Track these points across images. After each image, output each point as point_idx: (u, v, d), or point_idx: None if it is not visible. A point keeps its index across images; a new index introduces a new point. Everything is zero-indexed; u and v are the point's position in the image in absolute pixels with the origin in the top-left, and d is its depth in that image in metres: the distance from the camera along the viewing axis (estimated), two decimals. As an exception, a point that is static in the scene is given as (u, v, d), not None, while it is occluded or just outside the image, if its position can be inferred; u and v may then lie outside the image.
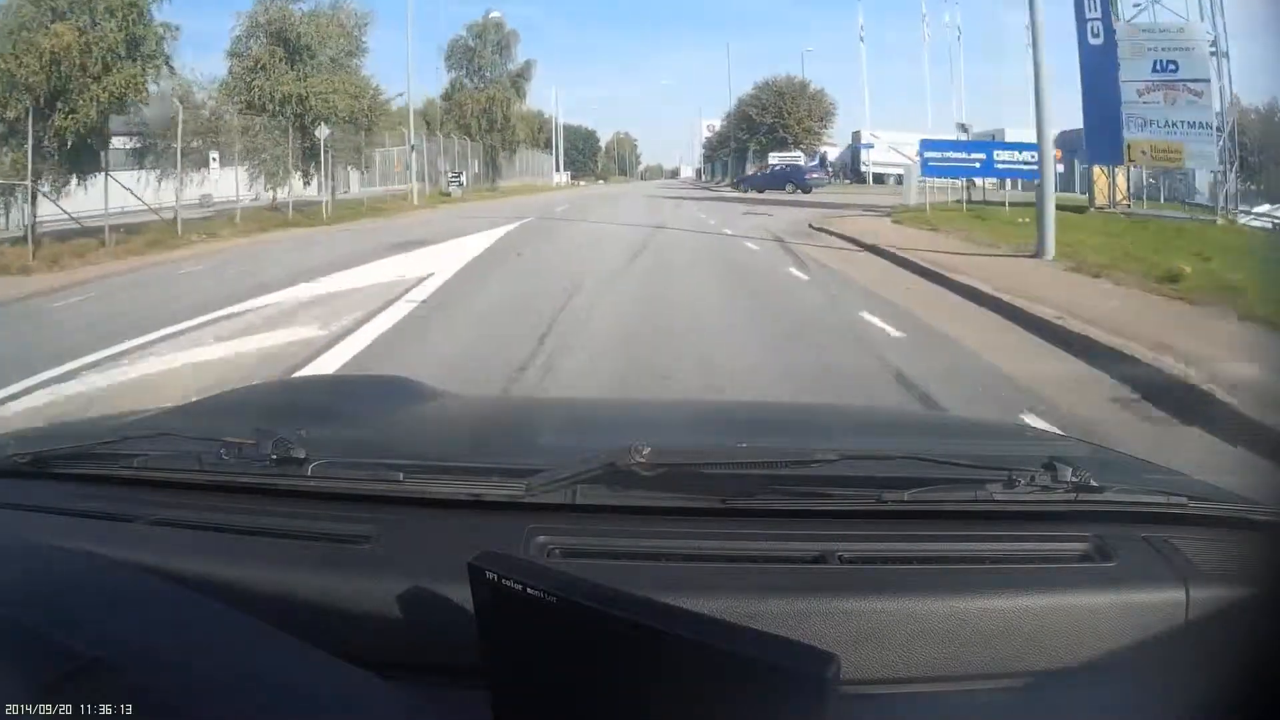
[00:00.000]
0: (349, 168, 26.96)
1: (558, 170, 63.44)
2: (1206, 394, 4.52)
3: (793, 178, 37.40)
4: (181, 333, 7.35)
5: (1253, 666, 0.83)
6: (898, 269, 10.93)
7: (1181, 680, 0.88)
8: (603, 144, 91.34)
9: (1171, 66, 15.27)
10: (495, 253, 13.49)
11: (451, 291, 9.39)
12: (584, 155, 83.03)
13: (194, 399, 2.05)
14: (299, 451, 1.14)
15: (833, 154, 48.89)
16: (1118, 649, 0.91)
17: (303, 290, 9.53)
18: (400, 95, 30.01)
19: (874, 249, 12.69)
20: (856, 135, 46.88)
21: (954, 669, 0.90)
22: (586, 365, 5.81)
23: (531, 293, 8.95)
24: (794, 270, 10.92)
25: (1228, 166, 15.16)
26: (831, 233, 15.69)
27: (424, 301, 8.68)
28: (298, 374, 5.61)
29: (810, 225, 17.30)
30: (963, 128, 29.32)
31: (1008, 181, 20.78)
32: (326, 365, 5.99)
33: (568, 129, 73.89)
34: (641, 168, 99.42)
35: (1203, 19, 15.23)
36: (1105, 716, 0.90)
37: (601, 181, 75.37)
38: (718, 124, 61.15)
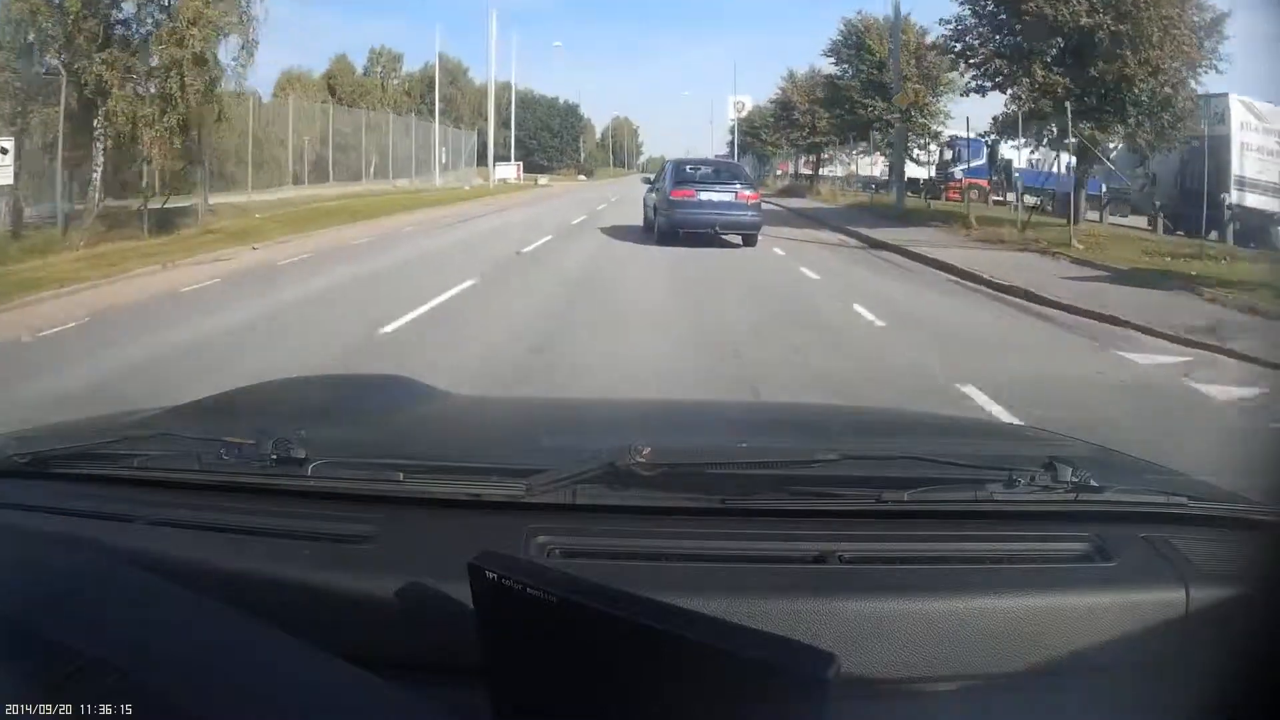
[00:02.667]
0: None
1: (492, 161, 39.82)
2: None
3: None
4: None
5: (1252, 666, 0.83)
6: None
7: (1181, 680, 0.88)
8: (599, 132, 78.61)
9: None
10: None
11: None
12: (561, 139, 63.95)
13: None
14: (299, 451, 1.14)
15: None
16: (1118, 649, 0.91)
17: None
18: None
19: None
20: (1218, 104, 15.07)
21: (954, 669, 0.90)
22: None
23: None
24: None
25: None
26: None
27: None
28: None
29: None
30: None
31: None
32: None
33: (537, 101, 55.74)
34: (642, 159, 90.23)
35: None
36: (1105, 716, 0.90)
37: (583, 178, 53.86)
38: (748, 103, 42.29)
